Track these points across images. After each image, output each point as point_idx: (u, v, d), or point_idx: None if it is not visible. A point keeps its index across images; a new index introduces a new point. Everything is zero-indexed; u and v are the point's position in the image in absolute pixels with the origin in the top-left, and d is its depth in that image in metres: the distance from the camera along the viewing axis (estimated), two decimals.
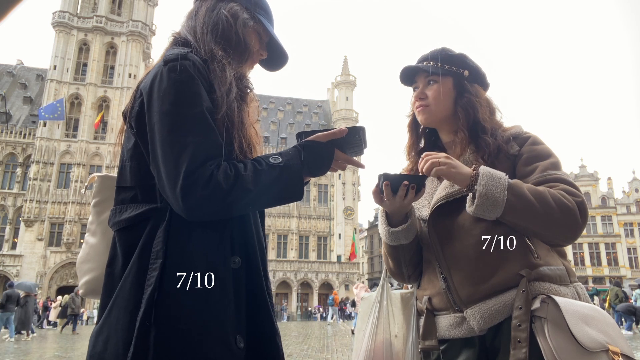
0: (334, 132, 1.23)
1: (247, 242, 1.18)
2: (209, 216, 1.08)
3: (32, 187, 40.67)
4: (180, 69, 1.13)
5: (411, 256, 1.54)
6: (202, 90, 1.13)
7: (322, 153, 1.21)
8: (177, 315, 1.03)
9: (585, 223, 1.32)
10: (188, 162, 1.04)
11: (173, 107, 1.09)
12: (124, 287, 1.07)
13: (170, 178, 1.05)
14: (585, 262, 49.27)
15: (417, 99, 1.57)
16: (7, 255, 40.15)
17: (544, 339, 1.20)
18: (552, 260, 1.36)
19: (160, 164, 1.07)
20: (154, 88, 1.13)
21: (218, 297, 1.07)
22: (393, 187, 1.39)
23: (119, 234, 1.16)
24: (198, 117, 1.09)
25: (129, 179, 1.18)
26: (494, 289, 1.32)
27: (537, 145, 1.45)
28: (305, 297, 47.52)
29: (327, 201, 49.52)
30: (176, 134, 1.07)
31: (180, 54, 1.16)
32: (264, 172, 1.11)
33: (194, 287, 1.05)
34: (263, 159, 1.15)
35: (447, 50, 1.58)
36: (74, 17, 45.89)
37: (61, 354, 10.84)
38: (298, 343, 13.25)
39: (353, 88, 54.60)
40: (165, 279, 1.04)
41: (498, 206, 1.28)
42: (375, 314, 1.59)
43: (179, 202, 1.04)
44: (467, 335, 1.37)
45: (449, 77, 1.54)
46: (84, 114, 43.78)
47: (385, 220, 1.53)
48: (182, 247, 1.08)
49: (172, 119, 1.08)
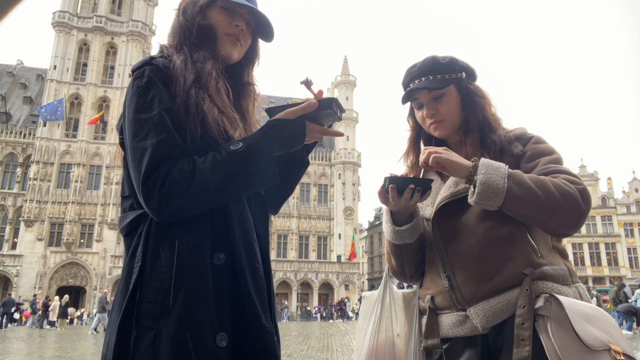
0: (302, 107, 1.19)
1: (231, 238, 1.15)
2: (176, 214, 1.08)
3: (32, 187, 40.67)
4: (141, 75, 1.17)
5: (414, 255, 1.55)
6: (161, 92, 1.15)
7: (292, 127, 1.18)
8: (154, 316, 1.04)
9: (589, 210, 1.31)
10: (146, 165, 1.08)
11: (135, 113, 1.14)
12: (118, 291, 1.14)
13: (136, 183, 1.10)
14: (585, 262, 49.30)
15: (429, 116, 1.54)
16: (7, 255, 40.16)
17: (547, 337, 1.21)
18: (554, 260, 1.37)
19: (131, 171, 1.14)
20: (126, 98, 1.20)
21: (196, 296, 1.07)
22: (399, 189, 1.40)
23: (123, 240, 1.23)
24: (154, 120, 1.12)
25: (126, 188, 1.22)
26: (497, 287, 1.33)
27: (540, 143, 1.47)
28: (305, 297, 47.52)
29: (327, 201, 49.53)
30: (136, 139, 1.11)
31: (144, 61, 1.21)
32: (222, 161, 1.10)
33: (170, 287, 1.06)
34: (224, 147, 1.14)
35: (437, 59, 1.55)
36: (74, 17, 45.91)
37: (61, 354, 10.84)
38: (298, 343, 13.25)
39: (353, 88, 54.60)
40: (143, 281, 1.07)
41: (499, 194, 1.27)
42: (378, 312, 1.59)
43: (145, 205, 1.08)
44: (469, 334, 1.37)
45: (451, 85, 1.53)
46: (84, 114, 43.78)
47: (391, 219, 1.53)
48: (158, 249, 1.09)
49: (133, 126, 1.13)
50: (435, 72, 1.52)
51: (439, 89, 1.51)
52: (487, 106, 1.55)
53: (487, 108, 1.55)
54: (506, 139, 1.49)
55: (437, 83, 1.51)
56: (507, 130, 1.53)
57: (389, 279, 1.65)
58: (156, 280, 1.06)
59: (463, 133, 1.55)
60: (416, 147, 1.67)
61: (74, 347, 12.76)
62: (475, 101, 1.53)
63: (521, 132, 1.51)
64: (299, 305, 46.36)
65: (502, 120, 1.57)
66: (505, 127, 1.56)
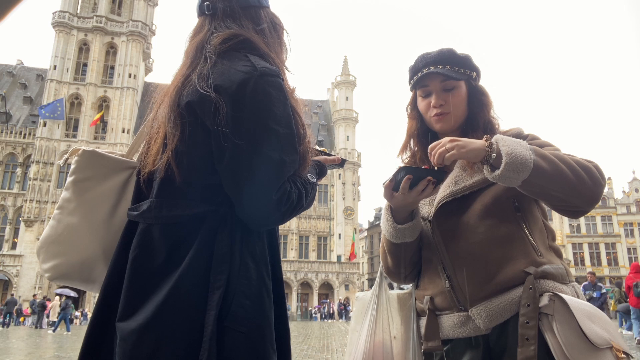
0: (334, 159, 1.49)
1: (273, 250, 1.25)
2: (274, 226, 1.21)
3: (32, 187, 40.69)
4: (277, 87, 1.17)
5: (412, 255, 1.53)
6: (291, 111, 1.19)
7: (324, 173, 1.42)
8: (241, 319, 1.07)
9: (605, 184, 1.31)
10: (279, 179, 1.12)
11: (272, 123, 1.13)
12: (180, 286, 1.06)
13: (259, 189, 1.09)
14: (585, 262, 49.28)
15: (437, 106, 1.51)
16: (7, 255, 40.16)
17: (553, 336, 1.20)
18: (552, 258, 1.37)
19: (245, 172, 1.10)
20: (246, 95, 1.12)
21: (267, 302, 1.14)
22: (413, 181, 1.34)
23: (162, 228, 1.13)
24: (290, 138, 1.16)
25: (185, 173, 1.15)
26: (500, 287, 1.31)
27: (537, 139, 1.48)
28: (305, 297, 47.54)
29: (327, 201, 49.53)
30: (272, 149, 1.11)
31: (275, 71, 1.19)
32: (311, 190, 1.26)
33: (252, 292, 1.10)
34: (306, 177, 1.25)
35: (455, 52, 1.54)
36: (74, 17, 45.91)
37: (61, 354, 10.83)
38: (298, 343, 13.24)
39: (353, 88, 54.58)
40: (230, 282, 1.08)
41: (526, 165, 1.23)
42: (373, 313, 1.56)
43: (263, 213, 1.11)
44: (472, 335, 1.36)
45: (463, 81, 1.52)
46: (84, 114, 43.80)
47: (392, 217, 1.50)
48: (240, 253, 1.12)
49: (269, 134, 1.12)
50: (453, 63, 1.50)
51: (454, 80, 1.49)
52: (490, 107, 1.56)
53: (490, 110, 1.56)
54: None
55: (454, 73, 1.49)
56: (504, 131, 1.54)
57: (383, 279, 1.62)
58: (242, 284, 1.10)
59: (462, 131, 1.53)
60: (415, 138, 1.62)
61: (74, 347, 12.75)
62: (483, 101, 1.54)
63: (518, 132, 1.51)
64: (299, 305, 46.37)
65: (500, 121, 1.58)
66: (502, 128, 1.56)
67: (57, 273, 1.27)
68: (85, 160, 1.31)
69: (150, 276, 1.09)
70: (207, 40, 1.25)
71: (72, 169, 1.32)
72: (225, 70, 1.16)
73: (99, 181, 1.28)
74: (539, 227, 1.42)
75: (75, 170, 1.30)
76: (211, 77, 1.15)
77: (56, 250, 1.26)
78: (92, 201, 1.28)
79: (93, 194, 1.28)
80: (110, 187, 1.31)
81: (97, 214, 1.27)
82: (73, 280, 1.31)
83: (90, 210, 1.26)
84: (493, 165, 1.28)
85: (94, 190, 1.27)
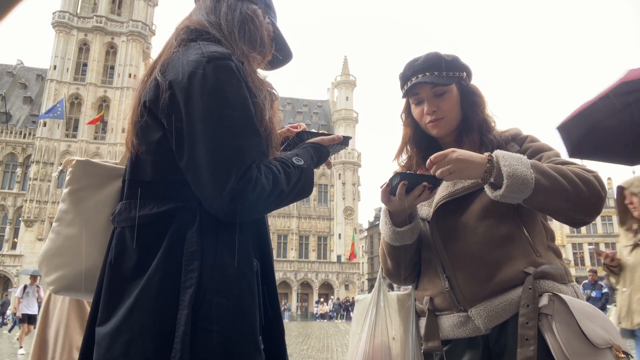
0: (333, 138, 1.35)
1: (263, 245, 1.21)
2: (249, 218, 1.10)
3: (32, 187, 40.66)
4: (227, 70, 1.11)
5: (411, 256, 1.53)
6: (247, 93, 1.13)
7: (324, 155, 1.32)
8: (215, 318, 1.02)
9: (606, 195, 1.30)
10: (239, 165, 1.04)
11: (223, 108, 1.07)
12: (149, 287, 1.03)
13: (218, 180, 1.03)
14: (585, 262, 49.29)
15: (430, 113, 1.50)
16: (7, 255, 40.16)
17: (553, 336, 1.20)
18: (552, 259, 1.37)
19: (203, 165, 1.05)
20: (195, 84, 1.08)
21: (248, 299, 1.09)
22: (409, 186, 1.36)
23: (132, 230, 1.10)
24: (247, 121, 1.10)
25: (150, 173, 1.13)
26: (499, 287, 1.31)
27: (536, 141, 1.47)
28: (305, 297, 47.49)
29: (327, 201, 49.48)
30: (226, 136, 1.06)
31: (224, 53, 1.13)
32: (292, 174, 1.15)
33: (228, 289, 1.06)
34: (288, 159, 1.17)
35: (442, 56, 1.52)
36: (74, 17, 45.87)
37: None
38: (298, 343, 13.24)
39: (353, 88, 54.54)
40: (203, 280, 1.03)
41: (528, 185, 1.23)
42: (372, 316, 1.56)
43: (226, 204, 1.03)
44: (471, 335, 1.36)
45: (454, 83, 1.51)
46: (84, 114, 43.74)
47: (390, 220, 1.49)
48: (214, 249, 1.07)
49: (222, 121, 1.07)
50: (440, 68, 1.48)
51: (443, 86, 1.48)
52: (484, 106, 1.54)
53: (485, 108, 1.54)
54: (502, 139, 1.49)
55: (442, 79, 1.47)
56: (502, 131, 1.53)
57: (383, 281, 1.61)
58: (215, 281, 1.04)
59: (457, 133, 1.53)
60: (411, 144, 1.62)
61: None
62: (475, 101, 1.52)
63: (516, 132, 1.51)
64: (299, 305, 46.34)
65: (496, 120, 1.57)
66: (498, 128, 1.55)
67: (61, 285, 1.26)
68: (79, 170, 1.29)
69: (124, 280, 1.07)
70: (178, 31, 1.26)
71: (67, 180, 1.30)
72: (177, 63, 1.14)
73: (95, 190, 1.27)
74: (538, 228, 1.42)
75: (70, 181, 1.29)
76: (167, 73, 1.13)
77: (58, 262, 1.25)
78: (89, 210, 1.26)
79: (90, 203, 1.26)
80: (106, 195, 1.29)
81: (95, 223, 1.25)
82: (78, 292, 1.28)
83: (89, 219, 1.24)
84: (494, 184, 1.28)
85: (91, 199, 1.26)
